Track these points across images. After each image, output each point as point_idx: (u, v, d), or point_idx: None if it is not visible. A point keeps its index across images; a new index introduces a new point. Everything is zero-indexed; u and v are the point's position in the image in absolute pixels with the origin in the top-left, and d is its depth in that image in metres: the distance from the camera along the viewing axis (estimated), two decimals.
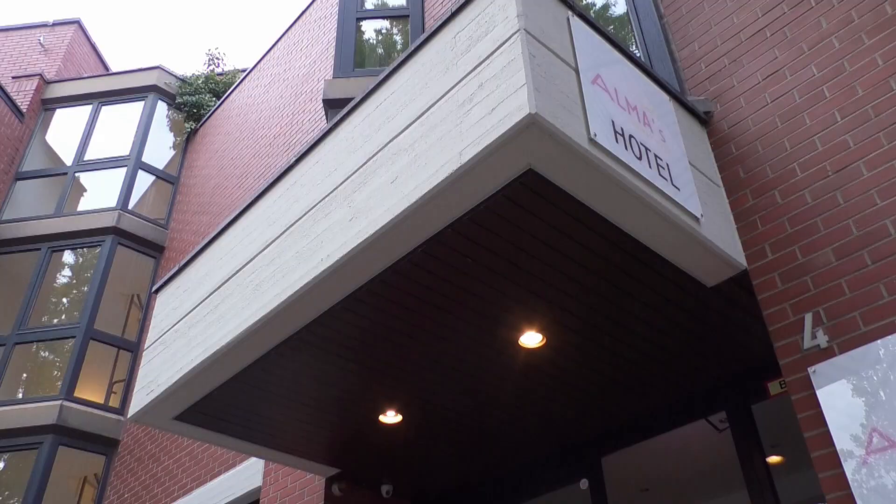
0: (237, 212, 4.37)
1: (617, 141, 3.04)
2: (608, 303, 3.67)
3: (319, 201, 3.70)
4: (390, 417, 4.62)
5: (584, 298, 3.62)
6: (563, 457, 5.16)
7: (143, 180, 10.89)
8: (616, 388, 4.46)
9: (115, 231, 9.89)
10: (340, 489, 5.31)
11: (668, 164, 3.31)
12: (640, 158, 3.12)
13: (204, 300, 4.28)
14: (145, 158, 10.96)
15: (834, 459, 2.84)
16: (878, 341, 2.87)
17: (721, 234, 3.47)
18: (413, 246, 3.26)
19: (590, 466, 5.01)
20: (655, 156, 3.26)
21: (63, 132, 11.52)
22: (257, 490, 6.02)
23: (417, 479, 5.56)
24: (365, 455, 5.12)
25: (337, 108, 6.18)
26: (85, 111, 11.57)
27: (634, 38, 4.69)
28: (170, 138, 11.72)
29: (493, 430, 4.91)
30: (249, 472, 6.15)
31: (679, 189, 3.27)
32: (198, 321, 4.23)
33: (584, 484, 4.99)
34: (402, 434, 4.85)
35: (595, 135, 2.91)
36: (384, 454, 5.12)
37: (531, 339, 3.94)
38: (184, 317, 4.40)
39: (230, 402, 4.31)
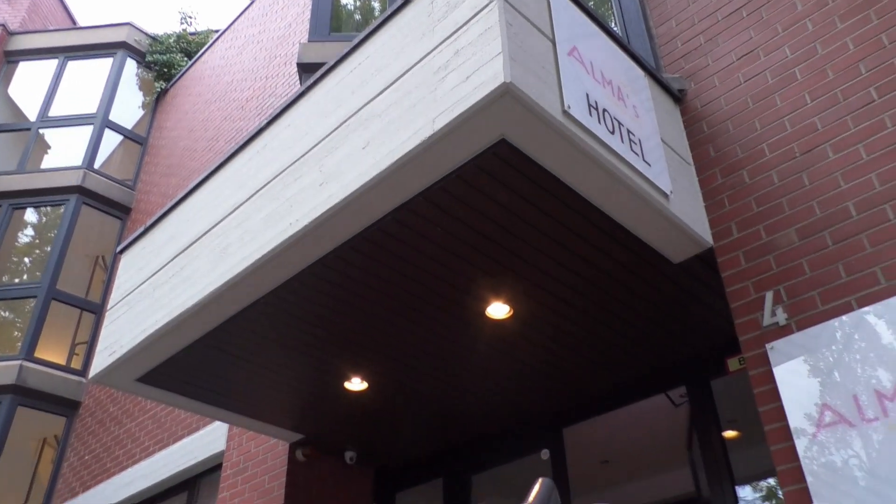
0: (206, 173, 4.30)
1: (590, 114, 3.04)
2: (575, 276, 3.70)
3: (290, 165, 3.66)
4: (356, 385, 4.64)
5: (551, 271, 3.65)
6: (526, 427, 5.24)
7: (110, 140, 10.66)
8: (580, 361, 4.52)
9: (80, 190, 9.69)
10: (304, 454, 5.34)
11: (640, 140, 3.33)
12: (612, 133, 3.13)
13: (170, 262, 4.23)
14: (113, 117, 10.71)
15: (786, 433, 2.92)
16: (835, 320, 2.95)
17: (689, 211, 3.51)
18: (383, 213, 3.24)
19: (551, 437, 5.09)
20: (628, 131, 3.27)
21: (27, 86, 11.19)
22: (220, 454, 6.01)
23: (382, 447, 5.60)
24: (329, 421, 5.14)
25: (311, 72, 6.08)
26: (50, 65, 11.24)
27: (613, 13, 4.68)
28: (139, 98, 11.46)
29: (458, 400, 4.95)
30: (213, 436, 6.14)
31: (650, 165, 3.29)
32: (163, 283, 4.18)
33: (545, 454, 5.08)
34: (368, 402, 4.87)
35: (569, 107, 2.91)
36: (349, 421, 5.14)
37: (498, 310, 3.97)
38: (149, 278, 4.34)
39: (194, 366, 4.28)
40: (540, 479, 1.53)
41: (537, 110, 2.77)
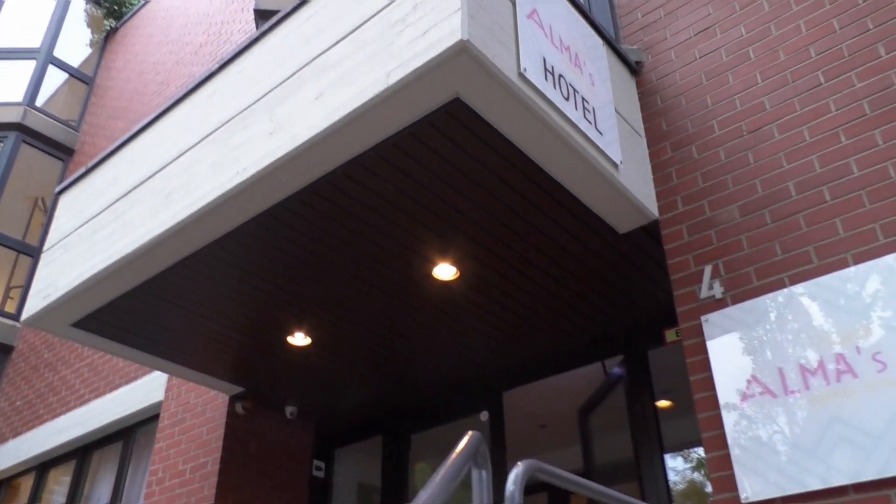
0: (152, 116, 4.17)
1: (546, 78, 3.03)
2: (523, 241, 3.73)
3: (240, 112, 3.57)
4: (299, 339, 4.62)
5: (499, 234, 3.67)
6: (467, 389, 5.31)
7: (55, 77, 10.22)
8: (523, 326, 4.58)
9: (20, 128, 9.29)
10: (244, 408, 5.31)
11: (594, 109, 3.34)
12: (567, 99, 3.13)
13: (111, 205, 4.11)
14: (58, 54, 10.26)
15: (714, 402, 3.03)
16: (767, 296, 3.04)
17: (638, 182, 3.55)
18: (334, 166, 3.20)
19: (491, 400, 5.17)
20: (583, 98, 3.28)
21: None
22: (158, 405, 5.94)
23: (323, 403, 5.61)
24: (271, 375, 5.12)
25: (268, 19, 5.92)
26: None
27: None
28: (86, 35, 10.98)
29: (400, 359, 4.98)
30: (151, 386, 6.05)
31: (602, 134, 3.31)
32: (103, 226, 4.06)
33: (484, 416, 5.16)
34: (310, 357, 4.86)
35: (525, 69, 2.90)
36: (291, 376, 5.13)
37: (445, 271, 3.98)
38: (88, 221, 4.21)
39: (133, 313, 4.19)
40: (469, 432, 1.55)
41: (493, 71, 2.75)
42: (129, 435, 6.30)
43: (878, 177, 2.93)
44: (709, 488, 2.98)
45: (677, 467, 5.82)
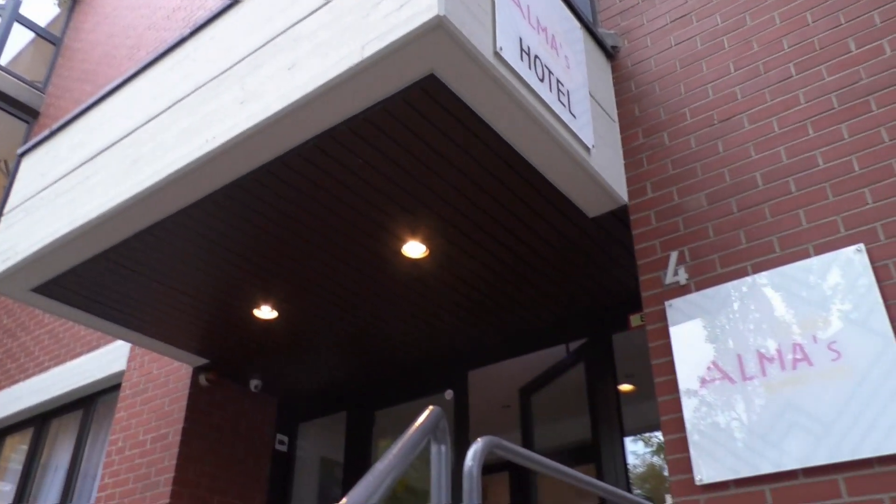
0: (121, 80, 4.08)
1: (522, 59, 3.03)
2: (493, 221, 3.74)
3: (211, 80, 3.50)
4: (265, 313, 4.59)
5: (469, 214, 3.67)
6: (432, 367, 5.33)
7: (21, 35, 9.92)
8: (490, 306, 4.61)
9: None
10: (208, 380, 5.28)
11: (568, 92, 3.34)
12: (542, 80, 3.13)
13: (75, 169, 4.02)
14: (24, 11, 9.95)
15: (674, 386, 3.08)
16: (730, 284, 3.09)
17: (609, 167, 3.57)
18: (305, 138, 3.16)
19: (456, 379, 5.20)
20: (558, 81, 3.28)
21: None
22: (120, 374, 5.88)
23: (288, 377, 5.59)
24: (236, 348, 5.09)
25: None
26: None
27: None
28: None
29: (367, 337, 4.98)
30: (113, 355, 5.98)
31: (575, 117, 3.32)
32: (66, 191, 3.98)
33: (448, 395, 5.20)
34: (277, 331, 4.84)
35: (501, 48, 2.88)
36: (256, 349, 5.11)
37: (414, 249, 3.97)
38: (51, 184, 4.12)
39: (96, 280, 4.13)
40: (430, 407, 1.56)
41: (468, 48, 2.73)
42: (89, 404, 6.23)
43: (842, 170, 2.99)
44: (666, 472, 3.04)
45: (637, 451, 5.93)
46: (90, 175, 3.88)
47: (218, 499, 5.16)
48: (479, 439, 1.74)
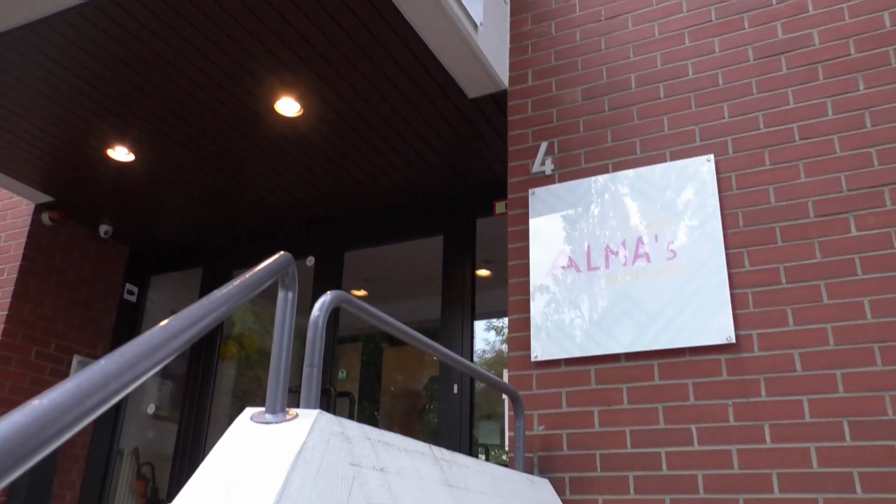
0: None
1: None
2: (372, 88, 3.64)
3: None
4: (121, 155, 4.30)
5: (346, 74, 3.55)
6: (296, 233, 5.28)
7: None
8: (361, 177, 4.57)
9: None
10: (51, 218, 4.96)
11: None
12: None
13: None
14: None
15: (525, 269, 3.23)
16: (591, 178, 3.23)
17: (494, 49, 3.54)
18: None
19: (319, 247, 5.19)
20: None
21: None
22: None
23: (142, 226, 5.36)
24: (86, 189, 4.78)
25: None
26: None
27: None
28: None
29: (230, 192, 4.82)
30: None
31: None
32: None
33: (310, 261, 5.19)
34: (132, 175, 4.57)
35: None
36: (109, 192, 4.82)
37: (288, 107, 3.82)
38: None
39: None
40: (280, 252, 1.55)
41: None
42: None
43: (707, 82, 3.13)
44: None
45: (489, 339, 6.25)
46: None
47: (56, 342, 4.98)
48: (328, 292, 1.76)
